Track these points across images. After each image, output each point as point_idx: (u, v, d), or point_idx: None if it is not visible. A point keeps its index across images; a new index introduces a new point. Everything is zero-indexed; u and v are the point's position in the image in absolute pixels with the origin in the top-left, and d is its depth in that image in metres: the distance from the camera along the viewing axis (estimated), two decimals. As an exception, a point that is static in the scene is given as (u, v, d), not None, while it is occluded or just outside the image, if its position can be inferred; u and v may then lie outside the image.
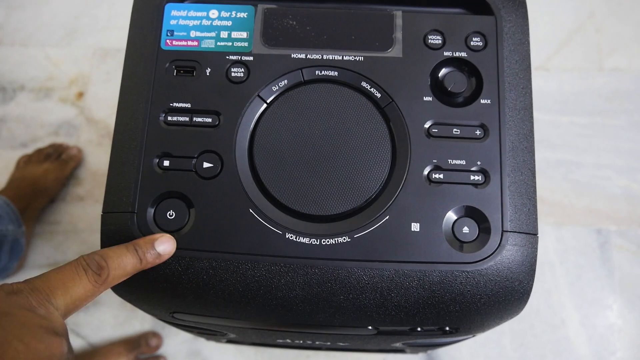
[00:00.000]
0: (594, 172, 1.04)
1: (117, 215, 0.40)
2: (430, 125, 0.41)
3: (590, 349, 0.96)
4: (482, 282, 0.39)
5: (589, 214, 1.02)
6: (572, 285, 0.99)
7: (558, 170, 1.04)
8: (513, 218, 0.40)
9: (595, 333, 0.96)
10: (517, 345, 0.96)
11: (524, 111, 0.42)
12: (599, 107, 1.07)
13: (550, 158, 1.05)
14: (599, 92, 1.08)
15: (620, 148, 1.05)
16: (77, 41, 1.12)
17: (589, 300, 0.98)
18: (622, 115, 1.07)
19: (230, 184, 0.40)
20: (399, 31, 0.43)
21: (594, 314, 0.97)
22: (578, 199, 1.03)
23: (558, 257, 1.00)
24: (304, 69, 0.42)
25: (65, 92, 1.09)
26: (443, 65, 0.43)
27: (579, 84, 1.08)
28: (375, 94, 0.42)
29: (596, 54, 1.10)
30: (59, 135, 1.06)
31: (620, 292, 0.98)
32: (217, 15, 0.44)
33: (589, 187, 1.03)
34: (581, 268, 0.99)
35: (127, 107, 0.42)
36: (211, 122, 0.41)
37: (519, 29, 0.44)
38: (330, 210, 0.40)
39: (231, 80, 0.42)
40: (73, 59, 1.11)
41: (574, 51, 1.11)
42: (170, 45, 0.43)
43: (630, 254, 1.00)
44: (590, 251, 1.00)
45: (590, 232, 1.01)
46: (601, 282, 0.98)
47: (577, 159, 1.05)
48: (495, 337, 0.96)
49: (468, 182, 0.40)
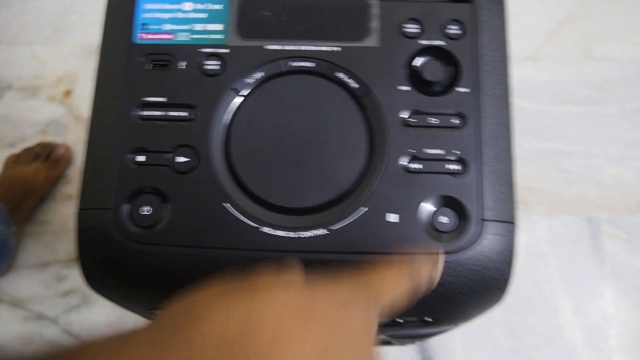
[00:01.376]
0: (585, 161, 1.04)
1: (93, 212, 0.40)
2: (407, 114, 0.41)
3: (584, 338, 0.96)
4: (461, 272, 0.39)
5: (580, 203, 1.02)
6: (564, 274, 0.98)
7: (549, 160, 1.04)
8: (492, 207, 0.40)
9: (588, 322, 0.96)
10: (510, 335, 0.96)
11: (502, 99, 0.42)
12: (589, 96, 1.07)
13: (541, 147, 1.05)
14: (589, 81, 1.08)
15: (611, 136, 1.05)
16: (64, 39, 1.12)
17: (581, 289, 0.98)
18: (612, 103, 1.06)
19: (206, 178, 0.40)
20: (376, 20, 0.43)
21: (587, 303, 0.97)
22: (569, 188, 1.03)
23: (550, 246, 1.00)
24: (280, 61, 0.42)
25: (52, 91, 1.08)
26: (420, 54, 0.42)
27: (569, 72, 1.08)
28: (352, 84, 0.41)
29: (586, 42, 1.10)
30: (47, 134, 1.06)
31: (612, 280, 0.98)
32: (192, 7, 0.43)
33: (580, 176, 1.03)
34: (573, 257, 0.99)
35: (101, 102, 0.42)
36: (186, 116, 0.41)
37: (497, 16, 0.43)
38: (307, 202, 0.39)
39: (206, 73, 0.42)
40: (60, 57, 1.10)
41: (564, 40, 1.10)
42: (144, 39, 0.43)
43: (622, 242, 0.99)
44: (581, 240, 1.00)
45: (581, 221, 1.01)
46: (593, 271, 0.98)
47: (567, 148, 1.05)
48: (488, 328, 0.96)
49: (446, 171, 0.40)
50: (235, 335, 0.25)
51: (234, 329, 0.25)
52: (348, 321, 0.27)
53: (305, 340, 0.25)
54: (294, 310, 0.26)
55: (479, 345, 0.95)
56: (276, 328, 0.25)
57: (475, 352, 0.95)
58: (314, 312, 0.27)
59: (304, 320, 0.26)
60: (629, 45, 1.09)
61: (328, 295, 0.28)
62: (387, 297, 0.31)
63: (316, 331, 0.26)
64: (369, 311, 0.29)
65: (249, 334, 0.25)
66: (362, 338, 0.28)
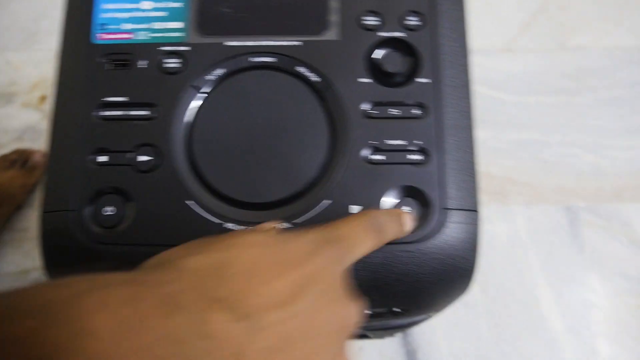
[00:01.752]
0: (562, 150, 1.05)
1: (56, 214, 0.40)
2: (369, 106, 0.41)
3: (565, 325, 0.97)
4: (425, 261, 0.39)
5: (558, 192, 1.03)
6: (545, 263, 0.99)
7: (526, 150, 1.05)
8: (454, 196, 0.40)
9: (568, 309, 0.97)
10: (492, 325, 0.96)
11: (462, 89, 0.42)
12: (564, 86, 1.08)
13: (518, 138, 1.05)
14: (563, 71, 1.08)
15: (587, 125, 1.06)
16: (37, 44, 1.11)
17: (561, 277, 0.98)
18: (587, 92, 1.07)
19: (168, 176, 0.40)
20: (335, 14, 0.43)
21: (567, 291, 0.98)
22: (547, 177, 1.03)
23: (529, 236, 1.00)
24: (240, 57, 0.42)
25: (27, 97, 1.07)
26: (380, 45, 0.42)
27: (544, 63, 1.09)
28: (312, 78, 0.42)
29: (560, 33, 1.11)
30: (24, 141, 1.05)
31: (591, 268, 0.99)
32: (151, 6, 0.43)
33: (557, 165, 1.04)
34: (552, 245, 1.00)
35: (62, 104, 0.42)
36: (147, 115, 0.41)
37: (456, 7, 0.44)
38: (269, 197, 0.40)
39: (166, 72, 0.42)
40: (34, 63, 1.10)
41: (538, 31, 1.11)
42: (104, 39, 0.42)
43: (600, 229, 1.00)
44: (560, 228, 1.01)
45: (560, 210, 1.02)
46: (573, 259, 0.99)
47: (544, 138, 1.05)
48: (470, 319, 0.96)
49: (408, 161, 0.40)
50: (212, 267, 0.26)
51: (211, 262, 0.26)
52: (321, 268, 0.28)
53: (280, 277, 0.26)
54: (267, 252, 0.27)
55: (462, 336, 0.96)
56: (251, 264, 0.26)
57: (458, 343, 0.96)
58: (288, 255, 0.28)
59: (278, 262, 0.27)
60: (602, 34, 1.10)
61: (300, 244, 0.29)
62: (356, 253, 0.32)
63: (290, 272, 0.27)
64: (340, 263, 0.30)
65: (225, 266, 0.26)
66: (336, 286, 0.29)
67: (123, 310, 0.22)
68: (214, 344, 0.23)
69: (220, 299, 0.24)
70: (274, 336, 0.25)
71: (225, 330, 0.23)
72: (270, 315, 0.25)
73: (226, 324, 0.24)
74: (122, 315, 0.22)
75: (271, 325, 0.25)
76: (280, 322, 0.25)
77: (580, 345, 0.96)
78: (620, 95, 1.06)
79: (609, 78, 1.07)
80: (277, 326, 0.25)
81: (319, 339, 0.26)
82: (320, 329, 0.27)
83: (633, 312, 0.98)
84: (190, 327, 0.23)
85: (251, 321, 0.24)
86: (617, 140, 1.04)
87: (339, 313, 0.28)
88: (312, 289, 0.27)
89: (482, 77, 1.07)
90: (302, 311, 0.26)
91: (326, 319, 0.27)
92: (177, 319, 0.23)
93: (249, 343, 0.24)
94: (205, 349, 0.23)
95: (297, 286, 0.26)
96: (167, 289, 0.24)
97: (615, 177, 1.03)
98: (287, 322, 0.25)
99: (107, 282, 0.24)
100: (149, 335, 0.22)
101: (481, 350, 0.95)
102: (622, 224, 1.01)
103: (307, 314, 0.26)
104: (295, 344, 0.25)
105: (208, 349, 0.23)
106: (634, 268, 0.99)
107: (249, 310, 0.24)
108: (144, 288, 0.24)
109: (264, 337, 0.24)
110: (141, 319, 0.22)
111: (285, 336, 0.25)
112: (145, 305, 0.23)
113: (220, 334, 0.23)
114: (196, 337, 0.23)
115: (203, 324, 0.23)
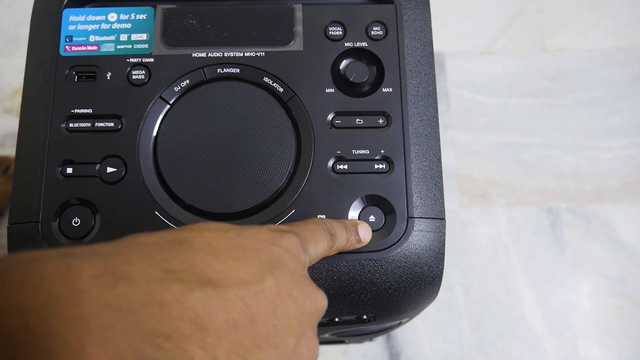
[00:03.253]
0: (543, 152, 1.05)
1: (23, 226, 0.40)
2: (333, 116, 0.41)
3: (546, 326, 0.97)
4: (390, 270, 0.40)
5: (539, 193, 1.03)
6: (526, 264, 1.00)
7: (507, 152, 1.06)
8: (419, 204, 0.40)
9: (550, 310, 0.98)
10: (475, 327, 0.97)
11: (427, 98, 0.42)
12: (544, 88, 1.08)
13: (500, 140, 1.06)
14: (543, 73, 1.09)
15: (567, 127, 1.07)
16: (18, 50, 1.10)
17: (542, 278, 0.99)
18: (567, 94, 1.08)
19: (135, 187, 0.40)
20: (299, 24, 0.43)
21: (549, 292, 0.99)
22: (528, 179, 1.04)
23: (511, 238, 1.01)
24: (205, 68, 0.42)
25: (9, 103, 1.07)
26: (344, 56, 0.43)
27: (524, 65, 1.10)
28: (277, 89, 0.42)
29: (539, 34, 1.12)
30: (5, 147, 1.04)
31: (572, 268, 1.00)
32: (116, 18, 0.43)
33: (538, 167, 1.05)
34: (534, 247, 1.01)
35: (29, 116, 0.42)
36: (113, 127, 0.41)
37: (420, 16, 0.44)
38: (236, 207, 0.40)
39: (132, 83, 0.42)
40: (16, 69, 1.09)
41: (517, 33, 1.12)
42: (70, 51, 0.43)
43: (581, 231, 1.01)
44: (541, 230, 1.01)
45: (541, 211, 1.02)
46: (554, 260, 1.00)
47: (525, 140, 1.06)
48: (452, 321, 0.97)
49: (372, 171, 0.41)
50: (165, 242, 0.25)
51: (164, 238, 0.26)
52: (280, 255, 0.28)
53: (240, 259, 0.26)
54: (226, 236, 0.27)
55: (445, 337, 0.96)
56: (208, 244, 0.26)
57: (441, 344, 0.96)
58: (247, 241, 0.27)
59: (237, 246, 0.27)
60: (581, 36, 1.11)
61: (259, 233, 0.28)
62: (311, 250, 0.31)
63: (250, 256, 0.26)
64: (298, 255, 0.29)
65: (181, 242, 0.25)
66: (297, 274, 0.28)
67: (54, 282, 0.21)
68: (171, 313, 0.22)
69: (174, 271, 0.23)
70: (237, 312, 0.24)
71: (182, 300, 0.22)
72: (231, 291, 0.24)
73: (182, 294, 0.22)
74: (52, 288, 0.20)
75: (232, 300, 0.24)
76: (242, 299, 0.24)
77: (561, 345, 0.97)
78: (599, 96, 1.07)
79: (588, 79, 1.08)
80: (239, 302, 0.24)
81: (284, 319, 0.26)
82: (285, 312, 0.26)
83: (614, 312, 0.99)
84: (141, 296, 0.22)
85: (210, 293, 0.23)
86: (597, 142, 1.05)
87: (302, 299, 0.27)
88: (274, 273, 0.26)
89: (462, 80, 1.07)
90: (265, 291, 0.25)
91: (291, 302, 0.26)
92: (123, 288, 0.21)
93: (209, 315, 0.23)
94: (161, 317, 0.21)
95: (257, 269, 0.26)
96: (111, 261, 0.22)
97: (595, 178, 1.04)
98: (249, 300, 0.24)
99: (35, 256, 0.22)
100: (89, 305, 0.20)
101: (464, 352, 0.96)
102: (602, 225, 1.02)
103: (271, 295, 0.25)
104: (258, 322, 0.24)
105: (164, 317, 0.21)
106: (615, 268, 1.00)
107: (207, 283, 0.23)
108: (81, 261, 0.22)
109: (226, 311, 0.23)
110: (76, 291, 0.21)
111: (249, 313, 0.24)
112: (82, 277, 0.21)
113: (176, 304, 0.22)
114: (149, 306, 0.21)
115: (156, 294, 0.22)
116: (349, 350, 0.95)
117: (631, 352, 0.98)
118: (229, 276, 0.25)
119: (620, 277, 1.00)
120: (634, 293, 1.00)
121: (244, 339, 0.24)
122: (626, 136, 1.06)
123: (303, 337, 0.27)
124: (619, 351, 0.97)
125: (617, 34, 1.12)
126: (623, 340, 0.98)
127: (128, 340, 0.20)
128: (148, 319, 0.21)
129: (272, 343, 0.25)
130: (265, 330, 0.25)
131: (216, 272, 0.24)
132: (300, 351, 0.27)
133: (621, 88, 1.08)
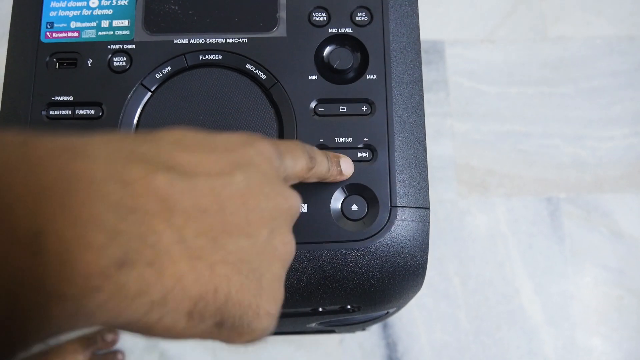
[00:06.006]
0: (542, 142, 1.04)
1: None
2: (315, 104, 0.41)
3: (545, 316, 0.97)
4: (372, 259, 0.39)
5: (539, 183, 1.02)
6: (525, 254, 0.99)
7: (507, 142, 1.05)
8: (402, 193, 0.40)
9: (549, 300, 0.97)
10: (472, 317, 0.97)
11: (412, 85, 0.42)
12: (545, 77, 1.07)
13: (499, 130, 1.05)
14: (544, 62, 1.08)
15: (567, 116, 1.05)
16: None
17: (541, 269, 0.98)
18: (568, 83, 1.07)
19: (115, 175, 0.40)
20: (283, 10, 0.42)
21: (547, 282, 0.98)
22: (527, 169, 1.03)
23: (509, 228, 1.00)
24: (187, 54, 0.42)
25: (6, 92, 1.07)
26: (328, 42, 0.42)
27: (525, 54, 1.08)
28: (260, 76, 0.41)
29: (540, 23, 1.10)
30: None
31: (571, 259, 0.99)
32: (98, 4, 0.43)
33: (538, 156, 1.04)
34: (533, 237, 1.00)
35: (10, 104, 0.41)
36: (94, 114, 0.41)
37: (406, 2, 0.43)
38: (216, 196, 0.39)
39: (113, 70, 0.41)
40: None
41: (519, 21, 1.10)
42: (51, 38, 0.42)
43: (580, 220, 1.00)
44: (540, 220, 1.01)
45: (540, 201, 1.02)
46: (553, 250, 0.99)
47: (525, 129, 1.05)
48: (450, 311, 0.96)
49: (355, 159, 0.40)
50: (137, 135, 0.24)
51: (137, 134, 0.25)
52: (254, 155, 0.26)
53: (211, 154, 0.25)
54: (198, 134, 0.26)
55: (442, 328, 0.96)
56: (178, 138, 0.25)
57: (439, 335, 0.96)
58: (219, 140, 0.26)
59: (209, 143, 0.25)
60: (583, 24, 1.10)
61: (233, 136, 0.27)
62: (288, 162, 0.30)
63: (221, 153, 0.25)
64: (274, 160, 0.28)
65: (148, 134, 0.24)
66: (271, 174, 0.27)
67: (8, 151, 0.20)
68: (135, 190, 0.21)
69: (138, 154, 0.22)
70: (205, 199, 0.23)
71: (146, 179, 0.21)
72: (199, 178, 0.23)
73: (146, 173, 0.21)
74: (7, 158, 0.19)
75: (200, 188, 0.23)
76: (210, 188, 0.23)
77: (560, 336, 0.96)
78: (600, 85, 1.06)
79: (590, 68, 1.07)
80: (207, 190, 0.23)
81: (256, 212, 0.25)
82: (257, 205, 0.25)
83: (612, 303, 0.98)
84: (102, 172, 0.20)
85: (176, 177, 0.22)
86: (598, 131, 1.04)
87: (275, 195, 0.26)
88: (245, 170, 0.25)
89: (462, 69, 1.06)
90: (234, 184, 0.24)
91: (262, 197, 0.25)
92: (83, 163, 0.20)
93: (175, 197, 0.22)
94: (124, 192, 0.20)
95: (226, 164, 0.25)
96: (70, 141, 0.21)
97: (595, 167, 1.03)
98: (218, 190, 0.24)
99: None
100: (45, 177, 0.19)
101: (461, 342, 0.95)
102: (602, 215, 1.01)
103: (240, 188, 0.24)
104: (228, 210, 0.24)
105: (127, 192, 0.21)
106: (614, 259, 0.99)
107: (172, 169, 0.22)
108: (38, 138, 0.21)
109: (194, 196, 0.22)
110: (32, 161, 0.20)
111: (218, 202, 0.23)
112: (38, 150, 0.20)
113: (140, 181, 0.21)
114: (112, 182, 0.20)
115: (118, 171, 0.21)
116: (345, 339, 0.95)
117: (630, 342, 0.97)
118: (196, 166, 0.24)
119: (620, 268, 0.99)
120: (634, 284, 0.99)
121: (214, 224, 0.23)
122: (627, 125, 1.05)
123: (277, 231, 0.26)
124: (618, 342, 0.96)
125: (620, 22, 1.10)
126: (622, 331, 0.97)
127: (88, 209, 0.19)
128: (110, 192, 0.20)
129: (243, 232, 0.24)
130: (236, 218, 0.24)
131: (183, 160, 0.23)
132: (275, 244, 0.26)
133: (623, 77, 1.06)
